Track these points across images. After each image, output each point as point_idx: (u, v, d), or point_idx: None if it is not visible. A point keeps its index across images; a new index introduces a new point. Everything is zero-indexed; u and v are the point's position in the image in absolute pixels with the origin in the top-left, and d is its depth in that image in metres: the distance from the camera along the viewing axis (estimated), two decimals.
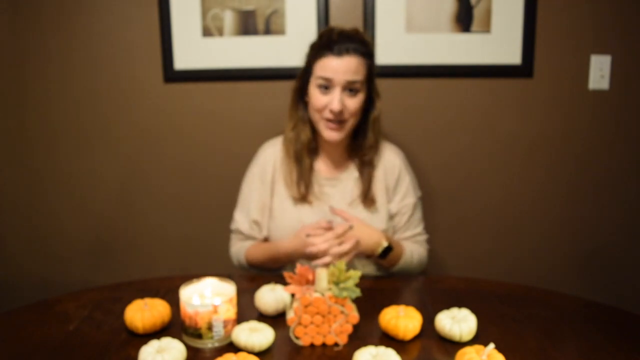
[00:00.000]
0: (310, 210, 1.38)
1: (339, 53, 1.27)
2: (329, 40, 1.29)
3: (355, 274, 1.02)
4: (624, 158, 1.88)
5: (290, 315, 1.03)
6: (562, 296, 1.24)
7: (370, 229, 1.32)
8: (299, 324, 1.02)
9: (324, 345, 1.02)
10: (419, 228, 1.47)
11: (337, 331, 1.02)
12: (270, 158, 1.44)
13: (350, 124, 1.33)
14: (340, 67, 1.27)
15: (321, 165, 1.43)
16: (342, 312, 1.01)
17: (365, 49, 1.31)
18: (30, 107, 1.92)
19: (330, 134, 1.33)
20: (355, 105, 1.31)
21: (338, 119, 1.30)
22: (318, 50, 1.31)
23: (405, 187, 1.44)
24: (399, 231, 1.44)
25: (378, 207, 1.40)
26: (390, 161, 1.44)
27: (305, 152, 1.39)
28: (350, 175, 1.42)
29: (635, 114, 1.85)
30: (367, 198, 1.39)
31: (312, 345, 1.02)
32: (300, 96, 1.39)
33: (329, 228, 1.26)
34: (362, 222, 1.33)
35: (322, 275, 1.01)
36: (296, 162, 1.39)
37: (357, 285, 1.03)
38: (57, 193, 1.97)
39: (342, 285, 1.01)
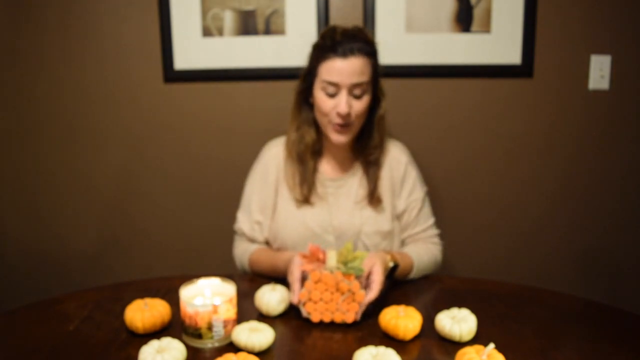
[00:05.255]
0: (313, 211, 1.37)
1: (344, 54, 1.25)
2: (333, 41, 1.27)
3: (361, 255, 1.10)
4: (624, 158, 1.88)
5: (302, 291, 1.10)
6: (562, 296, 1.24)
7: (381, 259, 1.20)
8: (309, 299, 1.09)
9: (331, 324, 1.08)
10: (429, 222, 1.44)
11: (344, 308, 1.08)
12: (274, 157, 1.42)
13: (357, 125, 1.32)
14: (345, 69, 1.25)
15: (325, 167, 1.41)
16: (348, 289, 1.07)
17: (370, 48, 1.29)
18: (29, 109, 1.92)
19: (337, 137, 1.31)
20: (362, 106, 1.29)
21: (345, 122, 1.29)
22: (322, 51, 1.28)
23: (412, 182, 1.42)
24: (409, 227, 1.41)
25: (384, 206, 1.38)
26: (395, 158, 1.42)
27: (309, 154, 1.37)
28: (356, 176, 1.40)
29: (635, 114, 1.85)
30: (374, 198, 1.37)
31: (312, 345, 1.02)
32: (305, 98, 1.36)
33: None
34: (379, 260, 1.17)
35: (332, 255, 1.10)
36: (299, 164, 1.37)
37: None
38: (58, 193, 1.97)
39: (349, 265, 1.09)
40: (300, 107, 1.37)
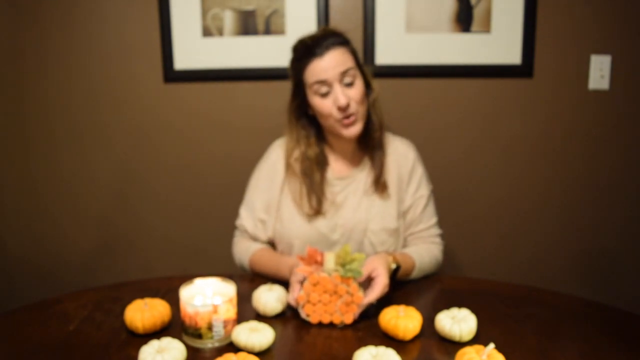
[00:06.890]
0: (324, 219, 1.36)
1: (321, 53, 1.26)
2: (306, 48, 1.29)
3: (360, 257, 1.09)
4: (624, 158, 1.88)
5: (300, 294, 1.10)
6: (562, 296, 1.24)
7: (384, 260, 1.20)
8: (308, 301, 1.09)
9: (330, 324, 1.08)
10: (432, 220, 1.43)
11: (343, 310, 1.08)
12: (282, 157, 1.41)
13: (362, 112, 1.31)
14: (328, 64, 1.26)
15: (334, 166, 1.40)
16: (347, 292, 1.07)
17: (342, 39, 1.31)
18: (30, 108, 1.92)
19: (349, 131, 1.30)
20: (358, 92, 1.29)
21: (349, 114, 1.28)
22: (300, 61, 1.30)
23: (419, 178, 1.42)
24: (413, 224, 1.41)
25: (390, 195, 1.37)
26: (402, 153, 1.42)
27: (314, 167, 1.36)
28: (364, 168, 1.39)
29: (635, 114, 1.85)
30: (380, 183, 1.36)
31: (312, 345, 1.02)
32: (301, 113, 1.36)
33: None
34: (382, 262, 1.17)
35: (330, 257, 1.10)
36: (305, 178, 1.36)
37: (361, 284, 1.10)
38: (58, 193, 1.98)
39: (347, 267, 1.09)
40: (296, 123, 1.37)
